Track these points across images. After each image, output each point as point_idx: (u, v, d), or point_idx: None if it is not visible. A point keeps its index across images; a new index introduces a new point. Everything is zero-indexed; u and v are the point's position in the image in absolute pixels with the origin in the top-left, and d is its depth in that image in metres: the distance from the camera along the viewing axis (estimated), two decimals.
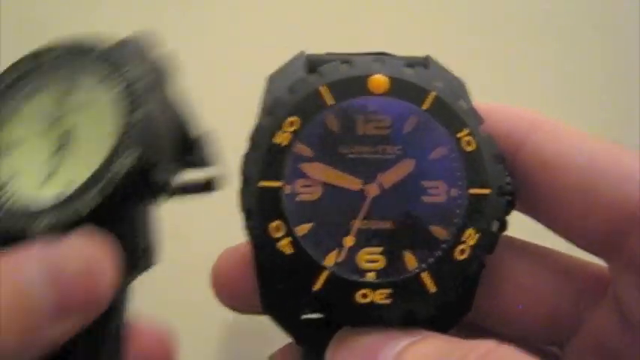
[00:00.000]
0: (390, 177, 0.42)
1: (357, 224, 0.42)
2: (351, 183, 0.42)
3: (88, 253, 0.37)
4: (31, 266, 0.35)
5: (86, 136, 0.43)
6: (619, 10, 0.77)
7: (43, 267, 0.35)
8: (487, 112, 0.45)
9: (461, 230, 0.41)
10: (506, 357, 0.34)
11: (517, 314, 0.45)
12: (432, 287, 0.40)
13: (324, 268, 0.40)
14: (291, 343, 0.44)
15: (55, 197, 0.41)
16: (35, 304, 0.35)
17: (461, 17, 0.76)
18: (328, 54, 0.47)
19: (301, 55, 0.46)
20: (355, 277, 0.40)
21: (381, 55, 0.46)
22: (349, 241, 0.42)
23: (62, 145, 0.43)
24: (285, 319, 0.43)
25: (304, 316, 0.43)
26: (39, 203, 0.41)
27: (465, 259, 0.40)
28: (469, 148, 0.41)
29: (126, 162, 0.40)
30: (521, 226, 0.45)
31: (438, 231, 0.42)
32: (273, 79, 0.45)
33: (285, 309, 0.43)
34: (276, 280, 0.40)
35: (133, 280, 0.42)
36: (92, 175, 0.40)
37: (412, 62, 0.45)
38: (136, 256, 0.41)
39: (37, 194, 0.42)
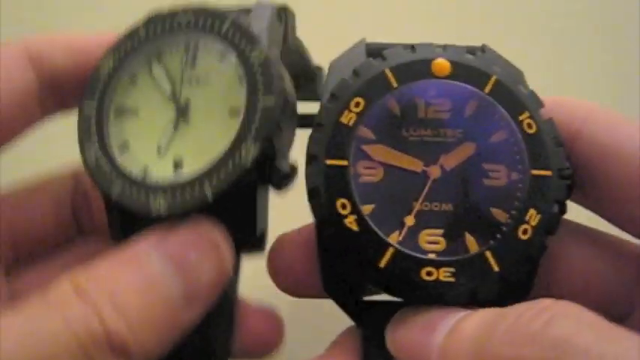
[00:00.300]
0: (452, 159, 0.43)
1: (418, 205, 0.43)
2: (413, 164, 0.43)
3: (210, 241, 0.38)
4: (156, 258, 0.37)
5: (205, 110, 0.44)
6: (619, 10, 0.78)
7: (167, 258, 0.36)
8: (544, 103, 0.46)
9: (523, 211, 0.41)
10: (566, 311, 0.34)
11: (569, 297, 0.45)
12: (495, 266, 0.40)
13: (389, 245, 0.40)
14: (350, 327, 0.45)
15: (173, 174, 0.43)
16: (167, 296, 0.36)
17: (462, 17, 0.78)
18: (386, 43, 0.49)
19: (361, 42, 0.47)
20: (419, 255, 0.41)
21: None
22: (409, 220, 0.42)
23: (180, 116, 0.45)
24: (346, 300, 0.43)
25: (365, 298, 0.44)
26: (157, 176, 0.43)
27: (527, 239, 0.41)
28: (530, 131, 0.42)
29: (252, 150, 0.40)
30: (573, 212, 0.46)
31: (499, 214, 0.42)
32: (335, 65, 0.47)
33: (346, 289, 0.43)
34: (341, 257, 0.41)
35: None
36: (217, 160, 0.41)
37: (471, 50, 0.46)
38: (252, 240, 0.43)
39: (153, 163, 0.44)
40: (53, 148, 0.62)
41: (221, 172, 0.40)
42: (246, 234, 0.42)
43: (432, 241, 0.42)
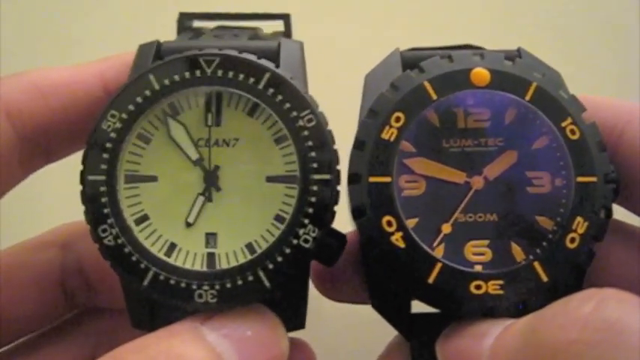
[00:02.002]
0: (495, 169, 0.43)
1: (457, 214, 0.42)
2: (456, 176, 0.43)
3: (264, 330, 0.38)
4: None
5: (237, 177, 0.40)
6: (619, 10, 0.77)
7: (233, 346, 0.36)
8: (586, 104, 0.45)
9: (570, 219, 0.41)
10: (612, 295, 0.34)
11: None
12: (544, 276, 0.41)
13: (437, 260, 0.40)
14: (398, 339, 0.45)
15: (207, 258, 0.40)
16: None
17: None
18: (418, 49, 0.48)
19: (396, 52, 0.45)
20: (467, 269, 0.41)
21: (473, 49, 0.47)
22: (446, 228, 0.42)
23: (210, 184, 0.40)
24: (395, 315, 0.43)
25: (414, 312, 0.44)
26: (189, 256, 0.40)
27: (575, 248, 0.41)
28: (574, 137, 0.41)
29: (313, 234, 0.38)
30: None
31: (544, 221, 0.42)
32: (371, 78, 0.45)
33: (395, 306, 0.43)
34: (389, 274, 0.41)
35: None
36: (271, 244, 0.38)
37: (507, 55, 0.45)
38: (297, 319, 0.42)
39: (182, 240, 0.40)
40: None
41: (277, 258, 0.38)
42: (297, 320, 0.42)
43: (477, 252, 0.42)
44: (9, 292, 0.46)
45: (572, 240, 0.41)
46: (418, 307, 0.44)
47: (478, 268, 0.41)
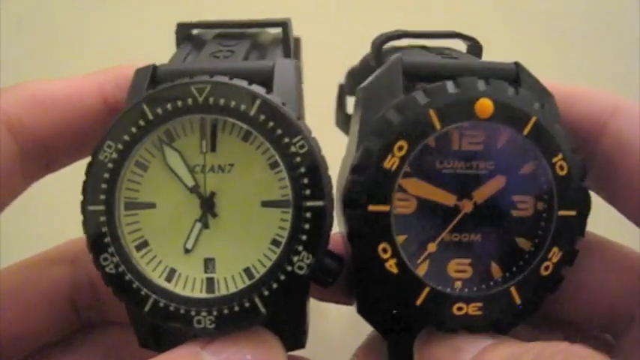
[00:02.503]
0: (484, 193, 0.44)
1: (444, 234, 0.44)
2: (446, 199, 0.44)
3: (263, 354, 0.39)
4: None
5: (234, 203, 0.41)
6: (619, 10, 0.75)
7: None
8: (571, 94, 0.45)
9: (548, 248, 0.44)
10: (576, 353, 0.38)
11: (576, 304, 0.49)
12: (517, 299, 0.44)
13: (425, 284, 0.43)
14: (376, 335, 0.48)
15: (206, 284, 0.40)
16: None
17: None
18: (410, 46, 0.47)
19: (397, 61, 0.44)
20: (450, 290, 0.44)
21: (462, 37, 0.46)
22: (431, 247, 0.45)
23: (207, 210, 0.41)
24: (378, 322, 0.47)
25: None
26: (187, 281, 0.41)
27: (548, 275, 0.44)
28: (562, 173, 0.43)
29: (307, 260, 0.39)
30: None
31: (523, 242, 0.45)
32: (368, 93, 0.44)
33: (380, 314, 0.46)
34: (379, 294, 0.44)
35: None
36: (267, 271, 0.39)
37: (504, 73, 0.44)
38: (296, 340, 0.43)
39: (181, 266, 0.41)
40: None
41: (272, 284, 0.39)
42: (296, 341, 0.43)
43: (459, 270, 0.45)
44: (18, 309, 0.46)
45: (547, 268, 0.44)
46: None
47: (458, 284, 0.45)
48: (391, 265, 0.42)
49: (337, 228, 0.47)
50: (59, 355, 0.49)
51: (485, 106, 0.42)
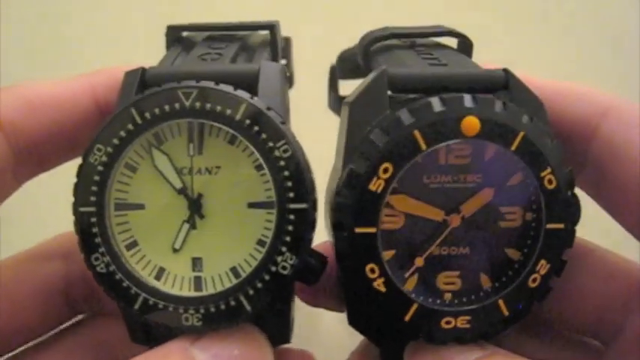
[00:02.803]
0: (471, 206, 0.44)
1: (432, 248, 0.45)
2: (434, 214, 0.44)
3: (250, 349, 0.40)
4: None
5: (220, 203, 0.42)
6: (619, 10, 0.74)
7: None
8: (562, 93, 0.45)
9: (535, 260, 0.44)
10: None
11: (566, 311, 0.49)
12: (505, 311, 0.44)
13: (413, 301, 0.43)
14: (369, 342, 0.49)
15: (194, 282, 0.42)
16: None
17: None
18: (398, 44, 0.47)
19: (382, 74, 0.44)
20: (434, 302, 0.44)
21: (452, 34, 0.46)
22: (419, 261, 0.45)
23: (194, 211, 0.42)
24: (370, 332, 0.47)
25: None
26: (176, 280, 0.42)
27: (536, 287, 0.44)
28: (550, 187, 0.42)
29: (291, 260, 0.40)
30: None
31: (513, 252, 0.45)
32: (354, 108, 0.44)
33: (370, 326, 0.47)
34: (368, 311, 0.44)
35: None
36: (252, 271, 0.41)
37: (493, 81, 0.44)
38: (282, 335, 0.45)
39: (169, 265, 0.42)
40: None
41: (257, 284, 0.40)
42: (282, 336, 0.44)
43: (448, 282, 0.45)
44: (11, 304, 0.48)
45: (534, 280, 0.44)
46: None
47: (447, 296, 0.45)
48: (379, 285, 0.43)
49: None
50: (51, 352, 0.50)
51: (471, 123, 0.42)
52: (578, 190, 0.45)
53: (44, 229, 0.52)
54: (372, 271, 0.42)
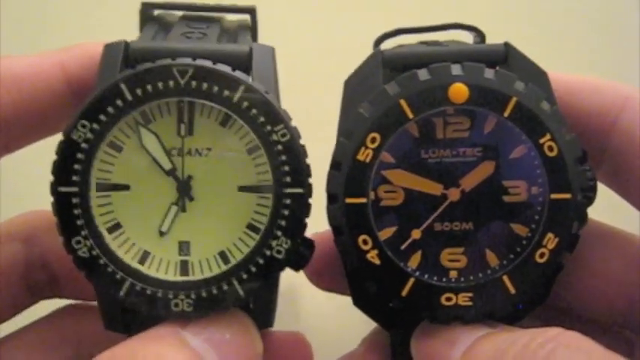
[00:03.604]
0: (472, 180, 0.43)
1: (433, 223, 0.43)
2: (433, 188, 0.43)
3: (240, 333, 0.40)
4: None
5: (210, 186, 0.41)
6: (619, 10, 0.72)
7: (214, 350, 0.38)
8: (579, 86, 0.44)
9: (542, 234, 0.42)
10: (569, 343, 0.36)
11: (593, 299, 0.46)
12: (511, 289, 0.42)
13: (410, 275, 0.42)
14: (379, 329, 0.48)
15: (181, 267, 0.41)
16: None
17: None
18: (402, 46, 0.47)
19: (377, 54, 0.44)
20: (439, 280, 0.43)
21: (464, 28, 0.46)
22: (416, 234, 0.44)
23: (183, 193, 0.41)
24: (374, 313, 0.46)
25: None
26: (162, 264, 0.41)
27: (544, 262, 0.42)
28: (551, 154, 0.41)
29: (286, 245, 0.40)
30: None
31: (519, 228, 0.43)
32: (350, 85, 0.44)
33: (374, 305, 0.46)
34: (366, 285, 0.43)
35: None
36: (246, 255, 0.40)
37: (491, 55, 0.43)
38: (266, 319, 0.44)
39: (155, 248, 0.41)
40: None
41: (251, 268, 0.39)
42: (265, 321, 0.43)
43: (453, 259, 0.44)
44: None
45: (542, 255, 0.42)
46: None
47: (453, 274, 0.43)
48: (373, 257, 0.42)
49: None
50: (31, 343, 0.48)
51: (459, 90, 0.41)
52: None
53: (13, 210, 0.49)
54: (365, 242, 0.42)
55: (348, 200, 0.42)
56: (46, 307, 0.50)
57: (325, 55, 0.65)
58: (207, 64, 0.39)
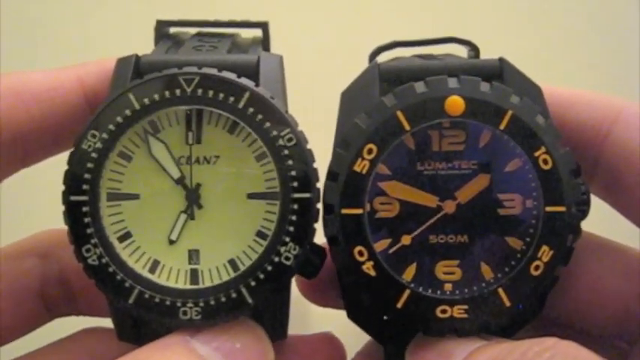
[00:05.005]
0: (467, 193, 0.44)
1: (420, 230, 0.44)
2: (428, 200, 0.44)
3: (251, 343, 0.40)
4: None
5: (219, 194, 0.41)
6: (619, 10, 0.74)
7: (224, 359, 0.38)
8: (571, 99, 0.45)
9: (536, 246, 0.42)
10: (566, 352, 0.37)
11: (587, 310, 0.47)
12: (507, 302, 0.43)
13: (405, 287, 0.43)
14: (373, 343, 0.48)
15: (190, 275, 0.41)
16: None
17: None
18: (398, 59, 0.48)
19: (374, 66, 0.45)
20: (434, 292, 0.43)
21: (458, 42, 0.46)
22: (405, 239, 0.44)
23: (193, 202, 0.41)
24: (369, 326, 0.47)
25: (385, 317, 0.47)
26: (171, 272, 0.41)
27: (539, 275, 0.43)
28: (546, 167, 0.42)
29: (294, 252, 0.40)
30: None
31: (514, 241, 0.44)
32: (347, 97, 0.45)
33: (368, 318, 0.46)
34: (361, 297, 0.43)
35: None
36: (254, 262, 0.40)
37: (486, 70, 0.44)
38: (279, 331, 0.44)
39: (164, 257, 0.41)
40: None
41: (259, 275, 0.39)
42: (279, 332, 0.43)
43: (447, 272, 0.44)
44: None
45: (537, 267, 0.43)
46: None
47: (448, 286, 0.44)
48: (368, 268, 0.42)
49: None
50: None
51: (455, 103, 0.42)
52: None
53: (28, 225, 0.50)
54: (361, 254, 0.42)
55: (344, 211, 0.42)
56: (62, 326, 0.50)
57: (326, 65, 0.65)
58: (213, 71, 0.40)
